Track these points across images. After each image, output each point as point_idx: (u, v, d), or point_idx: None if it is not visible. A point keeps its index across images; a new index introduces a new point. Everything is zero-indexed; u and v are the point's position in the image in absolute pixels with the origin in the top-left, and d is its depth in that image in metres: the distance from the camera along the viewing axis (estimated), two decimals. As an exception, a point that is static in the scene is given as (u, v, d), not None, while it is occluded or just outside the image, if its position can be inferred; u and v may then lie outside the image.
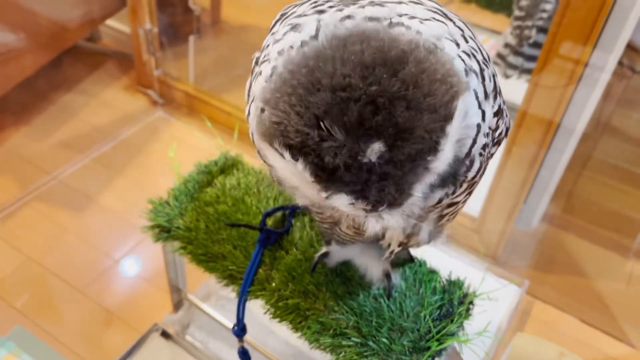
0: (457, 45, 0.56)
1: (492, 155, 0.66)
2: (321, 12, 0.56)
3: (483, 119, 0.56)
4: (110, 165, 1.79)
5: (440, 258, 1.53)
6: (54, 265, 1.48)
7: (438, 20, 0.57)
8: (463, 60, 0.55)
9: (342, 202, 0.48)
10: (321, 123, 0.45)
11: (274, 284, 0.86)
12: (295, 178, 0.49)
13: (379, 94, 0.46)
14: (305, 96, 0.46)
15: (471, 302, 0.86)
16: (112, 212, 1.64)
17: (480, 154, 0.59)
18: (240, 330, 0.93)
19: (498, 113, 0.62)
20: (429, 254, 1.52)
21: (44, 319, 1.36)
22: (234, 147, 1.10)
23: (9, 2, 1.69)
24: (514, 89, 1.72)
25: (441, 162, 0.49)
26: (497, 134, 0.64)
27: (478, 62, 0.58)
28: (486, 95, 0.58)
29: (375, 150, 0.46)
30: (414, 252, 0.96)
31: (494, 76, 0.61)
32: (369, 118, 0.45)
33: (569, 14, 1.23)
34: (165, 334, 1.28)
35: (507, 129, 0.69)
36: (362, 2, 0.57)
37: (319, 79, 0.46)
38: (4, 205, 1.63)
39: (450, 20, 0.59)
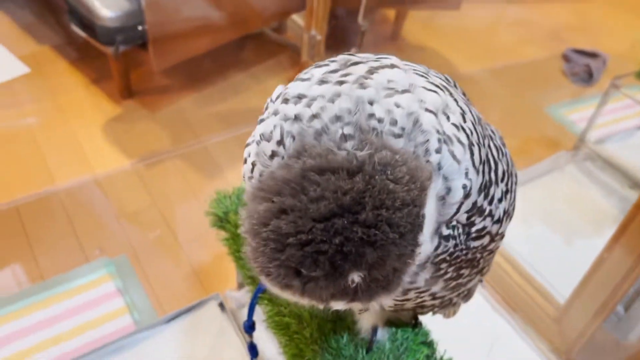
0: (447, 117, 0.57)
1: (470, 248, 0.66)
2: (287, 101, 0.59)
3: (470, 188, 0.58)
4: (248, 145, 2.00)
5: (511, 338, 1.46)
6: (170, 216, 1.73)
7: (432, 90, 0.58)
8: (439, 132, 0.56)
9: (337, 305, 0.54)
10: (299, 272, 0.49)
11: (278, 298, 0.94)
12: (287, 297, 0.53)
13: (343, 244, 0.48)
14: (277, 252, 0.49)
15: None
16: (232, 187, 1.85)
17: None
18: (249, 327, 1.03)
19: (474, 210, 0.62)
20: (498, 330, 1.46)
21: (143, 257, 1.61)
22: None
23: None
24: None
25: (421, 254, 0.54)
26: (473, 229, 0.63)
27: (468, 138, 0.59)
28: (477, 171, 0.59)
29: (355, 277, 0.50)
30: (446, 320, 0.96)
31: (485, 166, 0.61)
32: (341, 265, 0.48)
33: None
34: (222, 306, 1.44)
35: (499, 233, 0.68)
36: (350, 78, 0.58)
37: (285, 234, 0.49)
38: (155, 154, 1.93)
39: (454, 99, 0.60)
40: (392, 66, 0.60)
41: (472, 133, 0.60)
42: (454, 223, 0.61)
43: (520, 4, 3.06)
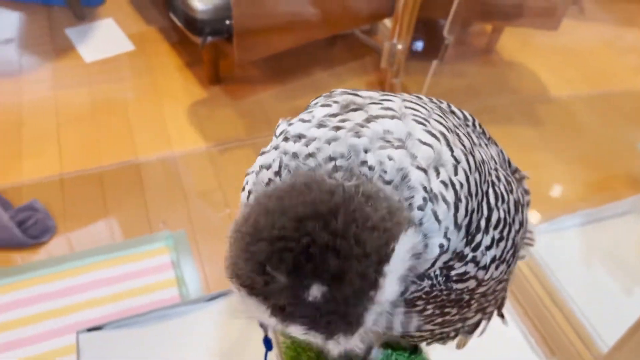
0: (437, 173, 0.59)
1: (452, 289, 0.67)
2: (287, 139, 0.63)
3: (447, 246, 0.59)
4: (318, 143, 2.06)
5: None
6: (232, 201, 1.84)
7: (426, 143, 0.60)
8: (426, 190, 0.58)
9: (298, 331, 0.53)
10: (264, 269, 0.52)
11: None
12: (252, 311, 0.53)
13: (309, 245, 0.51)
14: (250, 244, 0.53)
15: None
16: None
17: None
18: (264, 321, 1.09)
19: (452, 255, 0.63)
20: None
21: (201, 235, 1.73)
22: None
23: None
24: None
25: (386, 295, 0.54)
26: (453, 272, 0.65)
27: (456, 194, 0.59)
28: (459, 228, 0.60)
29: (315, 290, 0.52)
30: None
31: (475, 216, 0.62)
32: (304, 265, 0.51)
33: None
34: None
35: (491, 278, 0.69)
36: (347, 124, 0.61)
37: (261, 229, 0.53)
38: (230, 140, 2.05)
39: (450, 148, 0.61)
40: (393, 117, 0.61)
41: (462, 186, 0.60)
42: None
43: (631, 28, 2.85)
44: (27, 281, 1.51)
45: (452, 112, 0.74)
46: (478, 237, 0.64)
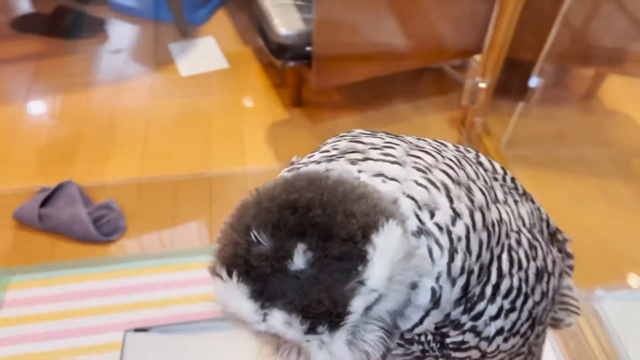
0: (432, 215, 0.56)
1: (450, 357, 0.64)
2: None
3: (439, 295, 0.55)
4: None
5: None
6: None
7: (423, 185, 0.57)
8: (421, 221, 0.55)
9: (278, 321, 0.49)
10: (249, 232, 0.51)
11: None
12: (232, 299, 0.51)
13: (296, 199, 0.51)
14: (240, 213, 0.53)
15: None
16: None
17: (419, 337, 0.60)
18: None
19: (445, 322, 0.60)
20: None
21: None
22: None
23: (419, 15, 1.97)
24: None
25: (375, 278, 0.48)
26: (448, 340, 0.61)
27: (452, 243, 0.56)
28: (452, 281, 0.56)
29: (299, 252, 0.49)
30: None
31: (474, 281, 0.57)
32: (288, 219, 0.50)
33: None
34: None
35: (497, 351, 0.64)
36: (342, 159, 0.61)
37: (250, 204, 0.53)
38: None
39: (450, 199, 0.57)
40: (393, 162, 0.59)
41: (460, 239, 0.57)
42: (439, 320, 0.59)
43: None
44: (88, 275, 1.61)
45: (480, 163, 0.70)
46: (480, 306, 0.60)
